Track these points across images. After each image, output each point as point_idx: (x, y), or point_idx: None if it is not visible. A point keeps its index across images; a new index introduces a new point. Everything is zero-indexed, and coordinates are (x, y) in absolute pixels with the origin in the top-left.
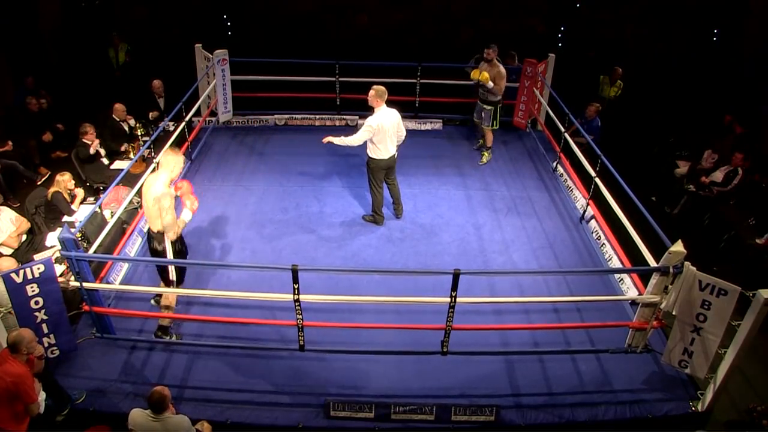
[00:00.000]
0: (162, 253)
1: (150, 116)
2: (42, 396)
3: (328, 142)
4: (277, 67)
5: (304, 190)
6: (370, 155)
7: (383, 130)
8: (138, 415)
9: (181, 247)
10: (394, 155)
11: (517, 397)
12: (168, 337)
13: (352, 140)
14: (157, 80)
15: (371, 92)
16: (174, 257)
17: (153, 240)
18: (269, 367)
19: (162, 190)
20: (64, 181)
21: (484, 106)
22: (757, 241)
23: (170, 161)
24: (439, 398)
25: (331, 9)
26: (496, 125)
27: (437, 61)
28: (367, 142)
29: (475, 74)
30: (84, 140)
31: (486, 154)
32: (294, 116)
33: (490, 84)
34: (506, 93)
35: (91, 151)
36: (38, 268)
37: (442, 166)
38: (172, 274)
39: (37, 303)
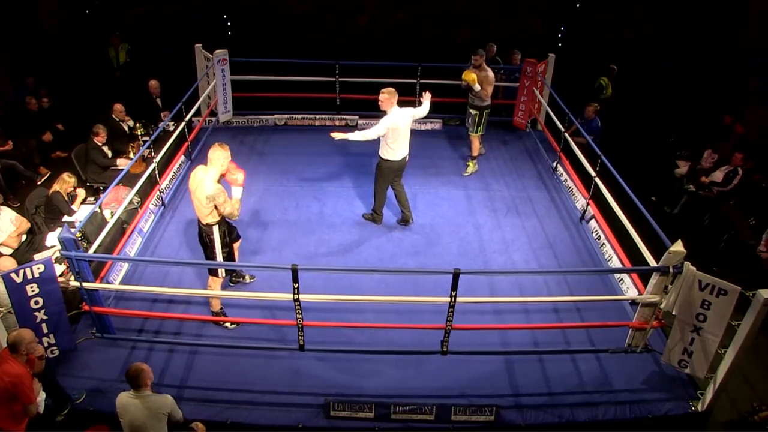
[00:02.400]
0: (211, 244)
1: (162, 116)
2: (42, 396)
3: (340, 140)
4: (277, 67)
5: (304, 190)
6: (383, 156)
7: (398, 130)
8: (122, 396)
9: (227, 238)
10: (406, 157)
11: (517, 397)
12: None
13: (365, 134)
14: (154, 80)
15: (382, 95)
16: (221, 248)
17: (203, 232)
18: (269, 367)
19: (214, 189)
20: (70, 183)
21: (470, 110)
22: (761, 249)
23: (219, 157)
24: (439, 398)
25: (331, 9)
26: (481, 131)
27: (437, 61)
28: (381, 143)
29: (465, 75)
30: (96, 141)
31: (471, 164)
32: (294, 116)
33: (477, 87)
34: (506, 93)
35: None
36: (38, 268)
37: (442, 166)
38: (222, 272)
39: (36, 303)
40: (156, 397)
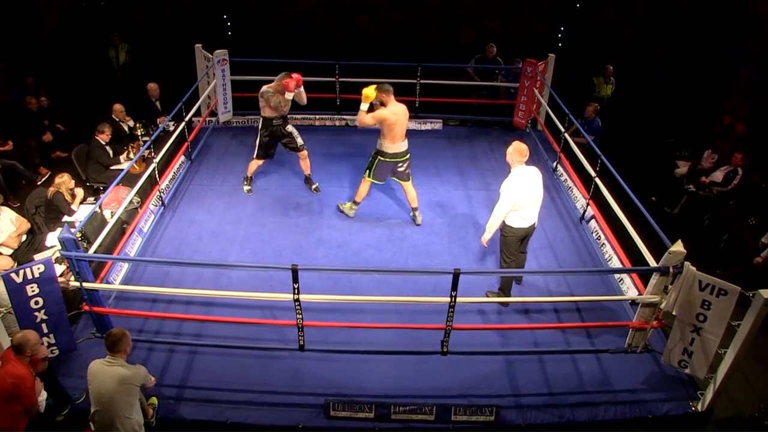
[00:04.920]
0: (256, 131)
1: (158, 121)
2: (43, 395)
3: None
4: (277, 67)
5: (304, 190)
6: (506, 223)
7: (524, 195)
8: (95, 363)
9: (267, 136)
10: (535, 224)
11: (517, 397)
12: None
13: (496, 219)
14: (153, 83)
15: (509, 148)
16: (260, 137)
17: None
18: (269, 367)
19: (263, 89)
20: (64, 182)
21: None
22: (763, 241)
23: (279, 78)
24: (439, 398)
25: (331, 9)
26: (370, 177)
27: (437, 61)
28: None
29: (367, 90)
30: (99, 139)
31: (347, 205)
32: (294, 116)
33: (364, 107)
34: (507, 93)
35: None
36: (38, 268)
37: (442, 166)
38: (255, 151)
39: (37, 303)
40: (130, 367)
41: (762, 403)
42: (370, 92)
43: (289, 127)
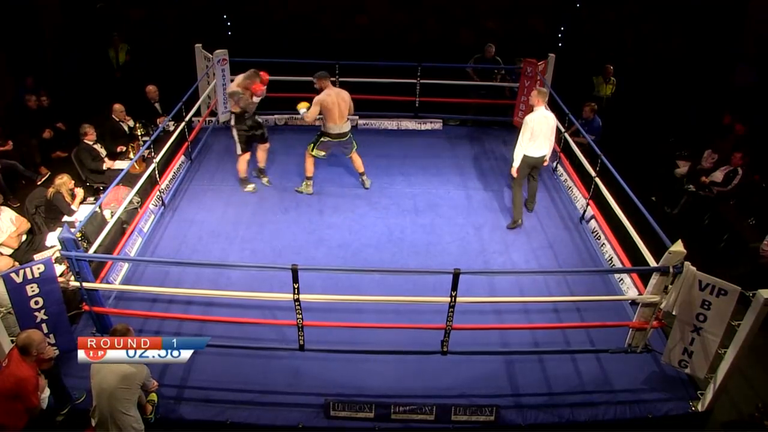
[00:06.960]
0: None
1: (158, 122)
2: (46, 392)
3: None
4: (277, 67)
5: None
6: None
7: (535, 128)
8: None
9: (245, 129)
10: (543, 156)
11: (517, 397)
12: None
13: (520, 146)
14: (152, 85)
15: (533, 92)
16: (237, 136)
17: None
18: (269, 367)
19: (232, 89)
20: (64, 182)
21: None
22: (763, 248)
23: (243, 77)
24: (439, 398)
25: (331, 9)
26: (313, 151)
27: (437, 61)
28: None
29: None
30: (85, 141)
31: (304, 184)
32: (294, 116)
33: (303, 111)
34: (506, 93)
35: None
36: (38, 268)
37: (442, 166)
38: (238, 149)
39: (37, 303)
40: (130, 366)
41: (761, 402)
42: (302, 104)
43: (259, 118)
